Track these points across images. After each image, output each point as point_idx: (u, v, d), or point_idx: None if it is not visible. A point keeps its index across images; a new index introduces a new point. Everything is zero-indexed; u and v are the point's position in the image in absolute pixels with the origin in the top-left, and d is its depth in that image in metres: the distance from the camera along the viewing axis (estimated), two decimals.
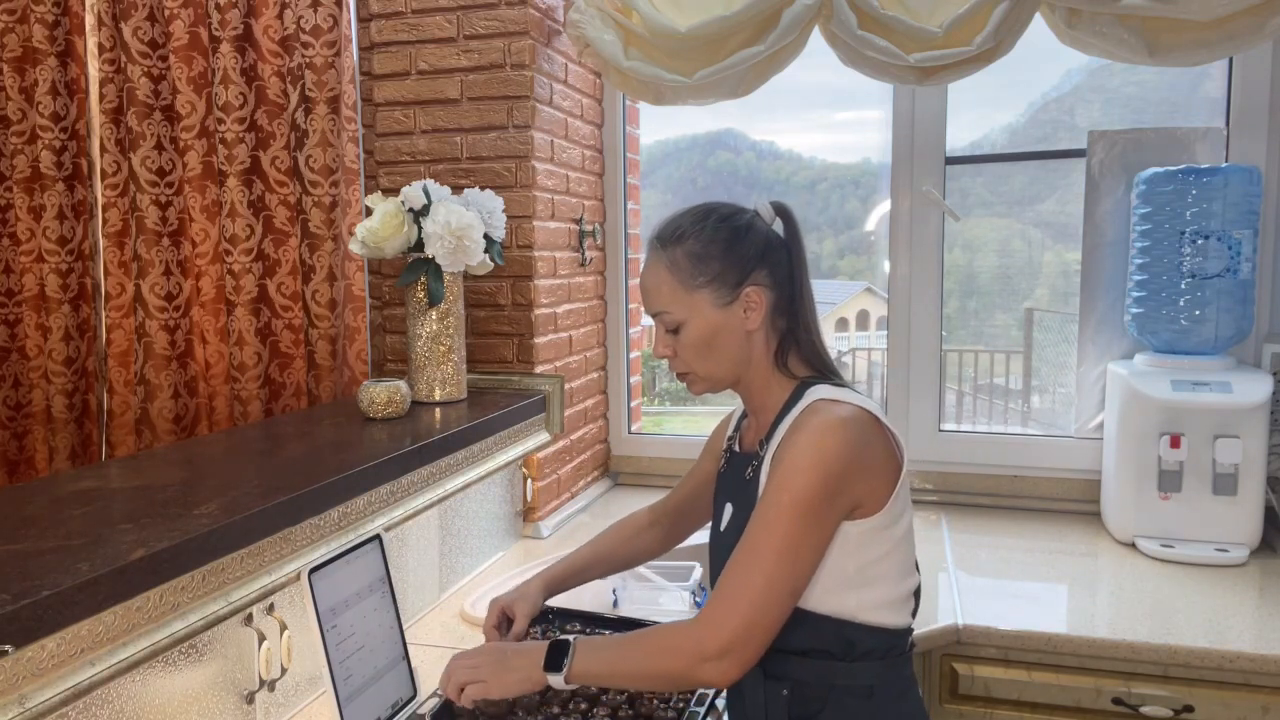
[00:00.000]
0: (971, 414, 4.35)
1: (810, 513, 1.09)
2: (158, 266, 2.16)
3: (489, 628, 1.39)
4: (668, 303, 1.23)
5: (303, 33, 2.03)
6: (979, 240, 2.63)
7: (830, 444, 1.10)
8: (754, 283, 1.21)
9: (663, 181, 3.22)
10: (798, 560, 1.09)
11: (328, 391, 2.12)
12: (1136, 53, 1.80)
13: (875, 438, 1.14)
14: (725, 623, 1.07)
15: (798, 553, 1.09)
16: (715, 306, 1.21)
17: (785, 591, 1.09)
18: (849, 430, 1.11)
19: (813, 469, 1.09)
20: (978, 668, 1.59)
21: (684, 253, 1.22)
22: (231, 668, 1.26)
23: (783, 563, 1.08)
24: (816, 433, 1.11)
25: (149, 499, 1.23)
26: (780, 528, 1.09)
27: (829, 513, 1.11)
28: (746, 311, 1.22)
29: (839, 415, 1.12)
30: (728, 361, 1.24)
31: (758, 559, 1.09)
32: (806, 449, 1.10)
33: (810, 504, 1.09)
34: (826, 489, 1.09)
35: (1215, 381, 1.86)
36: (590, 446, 2.46)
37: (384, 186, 2.13)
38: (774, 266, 1.23)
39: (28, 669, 0.89)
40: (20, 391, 2.32)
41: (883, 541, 1.15)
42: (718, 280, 1.21)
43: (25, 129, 2.24)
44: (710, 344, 1.23)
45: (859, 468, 1.12)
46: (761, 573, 1.08)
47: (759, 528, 1.10)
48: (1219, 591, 1.70)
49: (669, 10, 1.97)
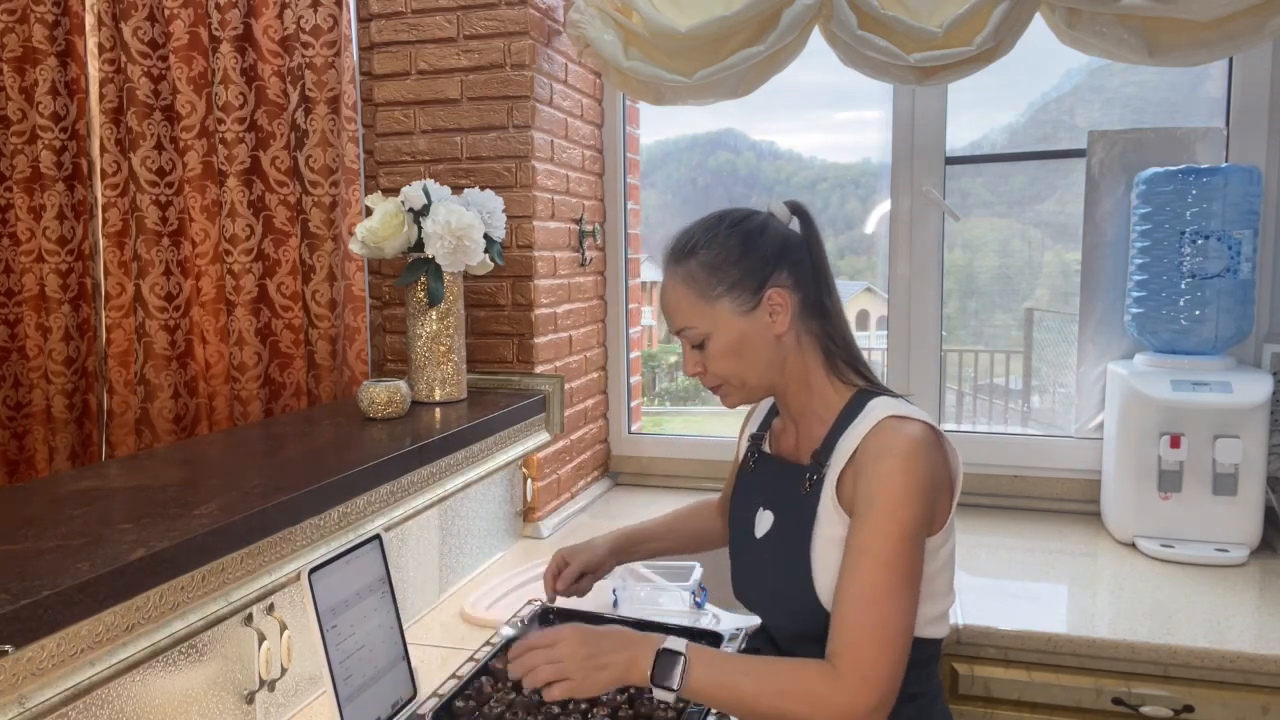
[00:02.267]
0: (971, 414, 4.35)
1: (916, 540, 1.08)
2: (158, 266, 2.16)
3: (548, 575, 1.45)
4: (689, 318, 1.20)
5: (303, 33, 2.03)
6: (979, 240, 2.63)
7: (921, 469, 1.09)
8: (776, 285, 1.18)
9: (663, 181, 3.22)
10: (915, 590, 1.08)
11: (328, 391, 2.12)
12: (1136, 53, 1.80)
13: (941, 455, 1.14)
14: (877, 674, 1.03)
15: (915, 583, 1.08)
16: (738, 315, 1.18)
17: (912, 627, 1.07)
18: (929, 451, 1.11)
19: (911, 497, 1.08)
20: (978, 668, 1.59)
21: (698, 264, 1.19)
22: (231, 668, 1.26)
23: (909, 598, 1.07)
24: (904, 458, 1.09)
25: (149, 499, 1.23)
26: (899, 563, 1.06)
27: (923, 537, 1.10)
28: (772, 315, 1.18)
29: (917, 436, 1.11)
30: (760, 369, 1.21)
31: (889, 601, 1.05)
32: (900, 476, 1.08)
33: (916, 532, 1.08)
34: (922, 514, 1.09)
35: (1215, 381, 1.86)
36: (590, 446, 2.46)
37: (384, 186, 2.13)
38: (795, 266, 1.20)
39: (28, 669, 0.89)
40: (20, 391, 2.32)
41: (938, 558, 1.15)
42: (737, 287, 1.18)
43: (25, 129, 2.24)
44: (739, 354, 1.19)
45: (937, 488, 1.11)
46: (897, 615, 1.05)
47: (878, 566, 1.06)
48: (1219, 591, 1.70)
49: (669, 10, 1.97)
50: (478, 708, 1.27)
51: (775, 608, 1.25)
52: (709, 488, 2.45)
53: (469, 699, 1.29)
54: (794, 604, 1.17)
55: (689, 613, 1.65)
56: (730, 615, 1.62)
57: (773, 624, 1.28)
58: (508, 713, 1.25)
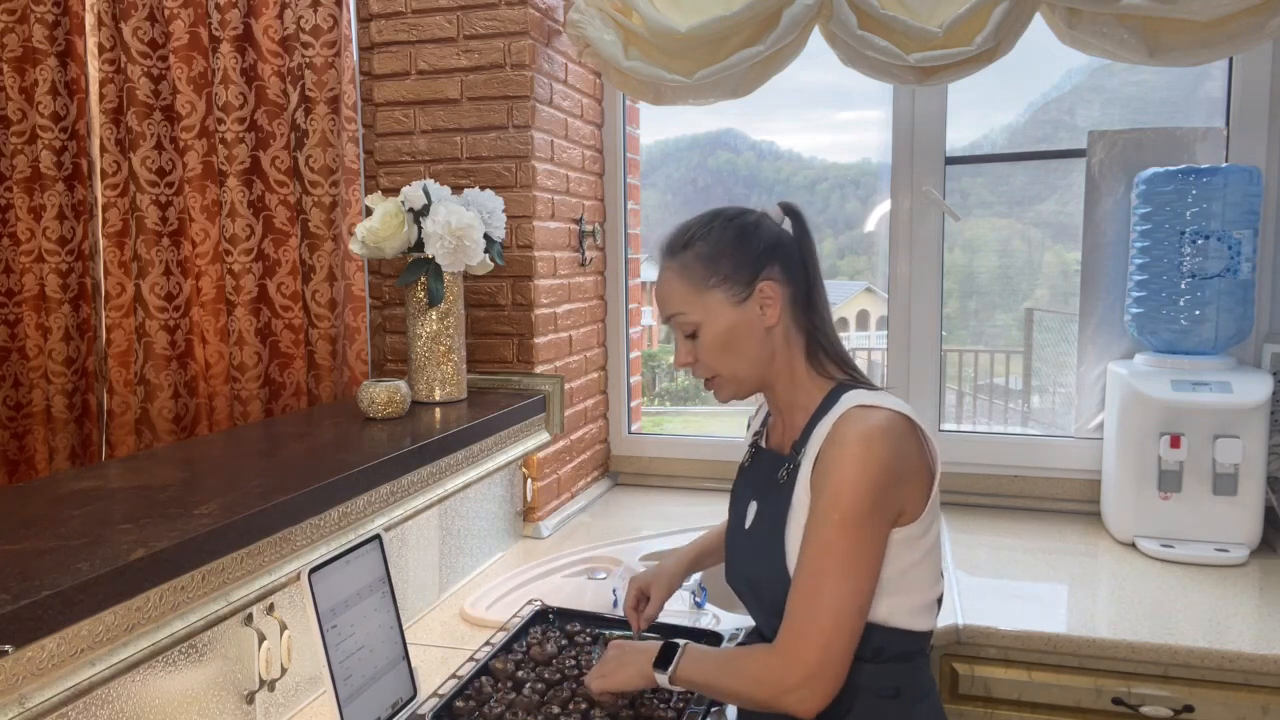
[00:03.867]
0: (971, 414, 4.36)
1: (863, 527, 1.08)
2: (158, 266, 2.16)
3: (629, 609, 1.47)
4: (681, 304, 1.23)
5: (303, 33, 2.03)
6: (979, 240, 2.63)
7: (872, 455, 1.09)
8: (767, 277, 1.21)
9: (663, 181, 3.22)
10: (860, 576, 1.09)
11: (328, 391, 2.12)
12: (1137, 53, 1.80)
13: (912, 443, 1.13)
14: (802, 654, 1.07)
15: (860, 569, 1.09)
16: (730, 304, 1.21)
17: (853, 610, 1.08)
18: (889, 438, 1.11)
19: (858, 482, 1.08)
20: (978, 668, 1.59)
21: (694, 255, 1.22)
22: (231, 668, 1.26)
23: (846, 582, 1.08)
24: (858, 444, 1.10)
25: (149, 499, 1.23)
26: (838, 547, 1.08)
27: (880, 524, 1.10)
28: (763, 307, 1.21)
29: (877, 424, 1.11)
30: (749, 360, 1.23)
31: (821, 583, 1.08)
32: (850, 462, 1.09)
33: (862, 519, 1.08)
34: (874, 501, 1.09)
35: (1215, 381, 1.86)
36: (590, 446, 2.46)
37: (384, 186, 2.13)
38: (786, 262, 1.22)
39: (28, 669, 0.89)
40: (20, 391, 2.32)
41: (917, 548, 1.15)
42: (731, 278, 1.20)
43: (25, 129, 2.24)
44: (729, 344, 1.22)
45: (900, 476, 1.11)
46: (829, 596, 1.07)
47: (816, 550, 1.09)
48: (1219, 591, 1.70)
49: (669, 10, 1.97)
50: (478, 708, 1.27)
51: (757, 594, 1.27)
52: (709, 488, 2.45)
53: (469, 699, 1.29)
54: (770, 589, 1.19)
55: (689, 613, 1.65)
56: (730, 615, 1.63)
57: (756, 610, 1.30)
58: (508, 713, 1.25)
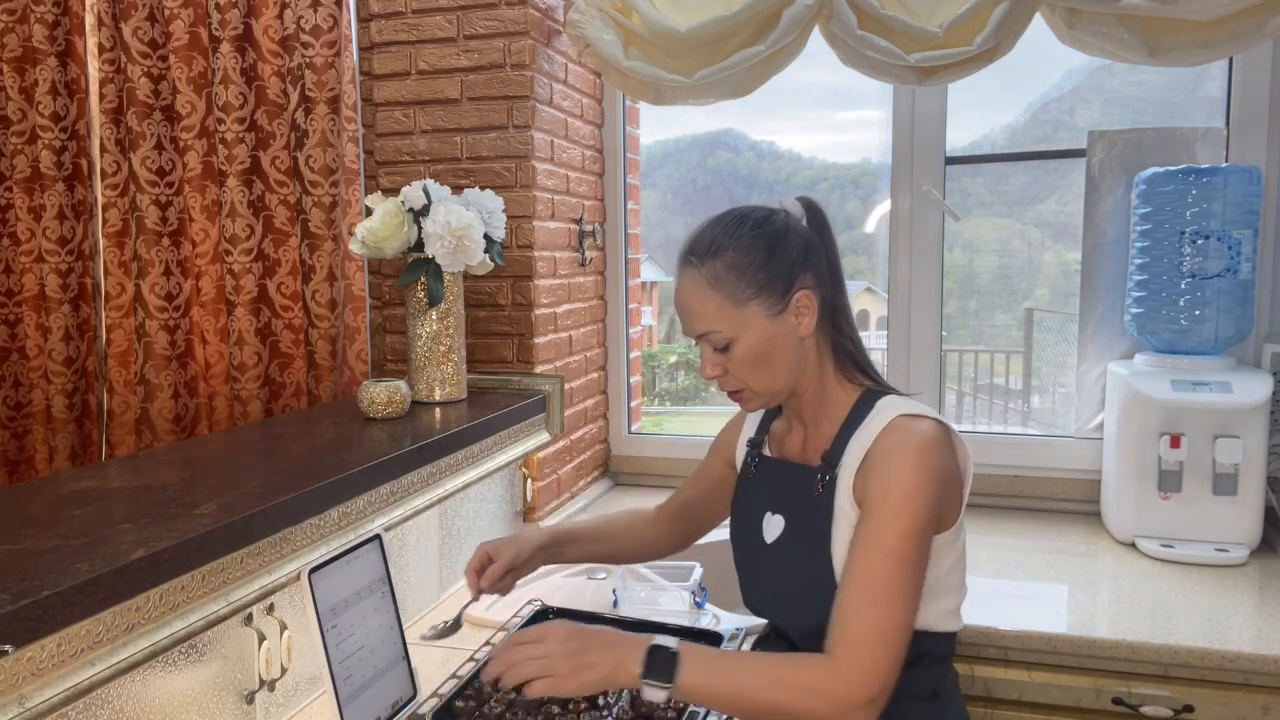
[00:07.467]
0: (971, 414, 4.36)
1: (925, 537, 1.08)
2: (158, 266, 2.16)
3: (470, 571, 1.34)
4: (714, 321, 1.17)
5: (303, 33, 2.03)
6: (979, 240, 2.63)
7: (933, 465, 1.09)
8: (802, 286, 1.17)
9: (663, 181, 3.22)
10: (919, 587, 1.08)
11: (328, 391, 2.12)
12: (1137, 53, 1.80)
13: (952, 452, 1.14)
14: (874, 668, 1.02)
15: (919, 580, 1.08)
16: (767, 317, 1.16)
17: (912, 623, 1.07)
18: (943, 448, 1.11)
19: (923, 493, 1.08)
20: (978, 668, 1.59)
21: (724, 265, 1.16)
22: (231, 668, 1.26)
23: (913, 595, 1.07)
24: (916, 455, 1.09)
25: (149, 499, 1.23)
26: (908, 559, 1.06)
27: (931, 533, 1.10)
28: (799, 317, 1.18)
29: (929, 434, 1.11)
30: (784, 372, 1.19)
31: (892, 595, 1.05)
32: (911, 473, 1.08)
33: (925, 529, 1.08)
34: (934, 511, 1.09)
35: (1215, 381, 1.86)
36: (590, 446, 2.46)
37: (384, 186, 2.13)
38: (816, 267, 1.20)
39: (28, 669, 0.89)
40: (20, 391, 2.32)
41: (952, 553, 1.16)
42: (766, 290, 1.16)
43: (25, 129, 2.24)
44: (765, 357, 1.18)
45: (948, 484, 1.12)
46: (900, 609, 1.05)
47: (885, 559, 1.06)
48: (1219, 591, 1.70)
49: (669, 10, 1.97)
50: (478, 708, 1.27)
51: (796, 610, 1.23)
52: None
53: (469, 699, 1.29)
54: (816, 604, 1.15)
55: (689, 613, 1.65)
56: (730, 615, 1.62)
57: (792, 626, 1.26)
58: (508, 713, 1.25)
